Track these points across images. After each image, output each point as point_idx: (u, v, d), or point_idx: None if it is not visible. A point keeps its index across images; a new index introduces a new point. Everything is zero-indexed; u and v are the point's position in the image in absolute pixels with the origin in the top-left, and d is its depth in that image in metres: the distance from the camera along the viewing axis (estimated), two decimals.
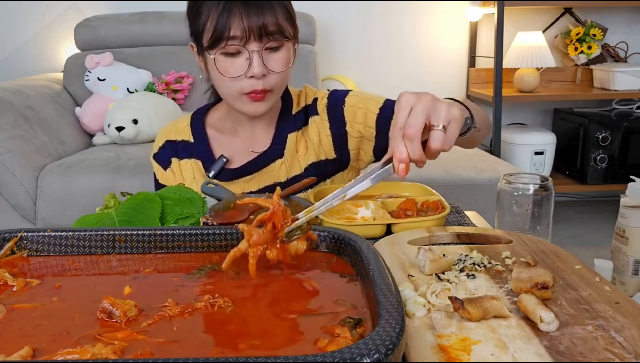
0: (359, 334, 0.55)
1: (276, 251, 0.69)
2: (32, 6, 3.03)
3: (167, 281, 0.69)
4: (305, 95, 1.26)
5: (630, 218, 0.96)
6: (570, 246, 2.66)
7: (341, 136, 1.22)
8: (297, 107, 1.24)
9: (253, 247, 0.68)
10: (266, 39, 1.06)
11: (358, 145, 1.23)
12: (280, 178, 1.21)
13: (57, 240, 0.76)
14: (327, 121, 1.22)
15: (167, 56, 2.78)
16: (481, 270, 0.76)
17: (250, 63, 1.07)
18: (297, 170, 1.22)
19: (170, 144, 1.25)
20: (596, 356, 0.55)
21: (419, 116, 0.74)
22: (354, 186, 0.73)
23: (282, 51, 1.10)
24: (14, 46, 3.08)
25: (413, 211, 1.02)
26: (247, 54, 1.07)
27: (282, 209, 0.70)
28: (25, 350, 0.52)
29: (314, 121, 1.23)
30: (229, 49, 1.07)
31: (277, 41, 1.08)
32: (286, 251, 0.69)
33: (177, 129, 1.26)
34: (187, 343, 0.54)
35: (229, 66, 1.08)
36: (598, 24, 3.12)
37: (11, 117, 2.25)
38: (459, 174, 2.26)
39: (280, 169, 1.21)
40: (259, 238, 0.68)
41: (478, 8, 3.08)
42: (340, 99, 1.22)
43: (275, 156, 1.21)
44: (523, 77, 2.97)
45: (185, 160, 1.24)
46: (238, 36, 1.05)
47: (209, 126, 1.26)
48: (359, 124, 1.20)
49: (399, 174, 0.74)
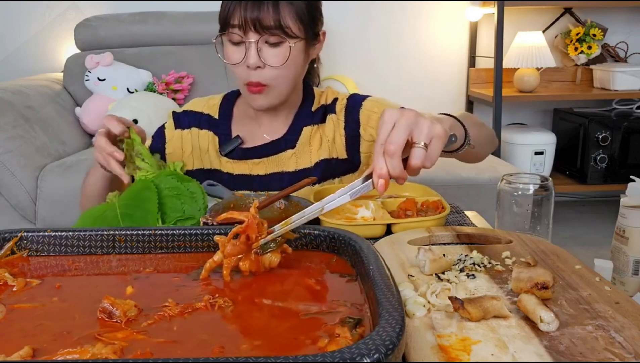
0: (359, 334, 0.55)
1: (249, 262, 0.70)
2: (32, 6, 3.03)
3: (167, 281, 0.69)
4: (327, 95, 1.30)
5: (630, 218, 0.96)
6: (570, 246, 2.66)
7: (354, 138, 1.25)
8: (317, 105, 1.28)
9: (227, 258, 0.70)
10: (263, 33, 1.10)
11: (369, 149, 1.25)
12: (289, 167, 1.24)
13: (57, 240, 0.76)
14: (343, 121, 1.25)
15: (167, 56, 2.78)
16: (481, 270, 0.76)
17: (246, 52, 1.11)
18: (307, 163, 1.24)
19: (194, 114, 1.29)
20: (596, 356, 0.55)
21: (400, 132, 0.74)
22: (332, 201, 0.74)
23: (281, 47, 1.12)
24: (14, 46, 3.08)
25: (413, 211, 1.02)
26: (246, 43, 1.11)
27: (257, 222, 0.71)
28: (25, 350, 0.52)
29: (331, 118, 1.26)
30: (232, 37, 1.12)
31: (276, 37, 1.10)
32: (259, 262, 0.71)
33: (208, 104, 1.30)
34: (187, 343, 0.54)
35: (232, 52, 1.14)
36: (598, 24, 3.12)
37: (11, 117, 2.25)
38: (459, 174, 2.26)
39: (290, 160, 1.23)
40: (233, 250, 0.70)
41: (478, 8, 3.08)
42: (359, 102, 1.25)
43: (287, 146, 1.24)
44: (523, 77, 2.97)
45: (205, 131, 1.28)
46: (237, 25, 1.10)
47: (237, 107, 1.30)
48: (372, 128, 1.23)
49: (378, 189, 0.74)
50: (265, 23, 1.08)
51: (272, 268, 0.71)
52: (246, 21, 1.08)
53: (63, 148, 2.44)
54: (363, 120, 1.23)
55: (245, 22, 1.08)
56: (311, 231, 0.76)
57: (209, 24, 2.83)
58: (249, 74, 1.13)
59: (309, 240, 0.76)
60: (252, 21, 1.08)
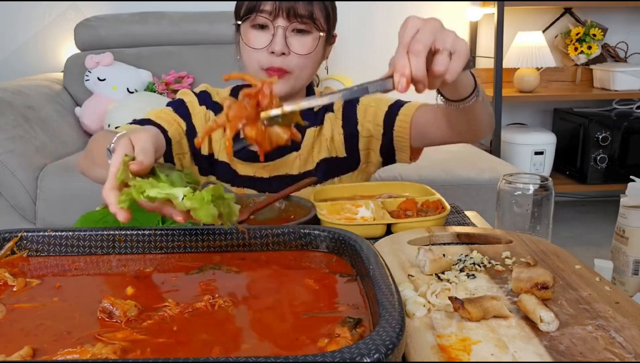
0: (359, 334, 0.55)
1: (256, 130, 0.63)
2: (32, 6, 3.03)
3: (167, 281, 0.69)
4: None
5: (630, 218, 0.95)
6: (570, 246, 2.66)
7: (352, 135, 1.25)
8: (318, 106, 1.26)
9: (232, 121, 0.64)
10: (294, 19, 1.10)
11: (367, 145, 1.25)
12: (293, 170, 1.23)
13: (57, 240, 0.76)
14: (341, 119, 1.25)
15: (167, 56, 2.78)
16: (481, 270, 0.76)
17: (273, 38, 1.11)
18: (310, 165, 1.24)
19: (211, 100, 1.26)
20: (596, 356, 0.55)
21: (426, 34, 0.71)
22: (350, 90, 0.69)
23: (308, 37, 1.13)
24: (14, 46, 3.07)
25: (413, 211, 1.02)
26: (273, 29, 1.11)
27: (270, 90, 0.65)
28: (25, 350, 0.52)
29: (328, 117, 1.25)
30: (258, 20, 1.11)
31: (305, 25, 1.11)
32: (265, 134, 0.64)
33: (219, 95, 1.28)
34: (187, 343, 0.54)
35: (255, 37, 1.13)
36: (598, 24, 3.12)
37: (11, 117, 2.25)
38: (459, 174, 2.25)
39: (294, 162, 1.23)
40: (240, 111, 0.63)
41: (478, 8, 3.07)
42: (356, 98, 1.25)
43: (292, 148, 1.23)
44: (523, 77, 2.97)
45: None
46: (267, 10, 1.10)
47: None
48: (368, 123, 1.23)
49: (399, 88, 0.70)
50: (300, 11, 1.09)
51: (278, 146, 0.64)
52: (280, 7, 1.09)
53: (63, 148, 2.44)
54: (360, 116, 1.23)
55: (279, 8, 1.09)
56: (311, 231, 0.76)
57: (209, 24, 2.83)
58: (272, 60, 1.12)
59: (309, 240, 0.76)
60: (287, 8, 1.09)
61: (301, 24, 1.11)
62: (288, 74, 1.13)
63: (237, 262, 0.74)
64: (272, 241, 0.77)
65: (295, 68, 1.13)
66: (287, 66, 1.12)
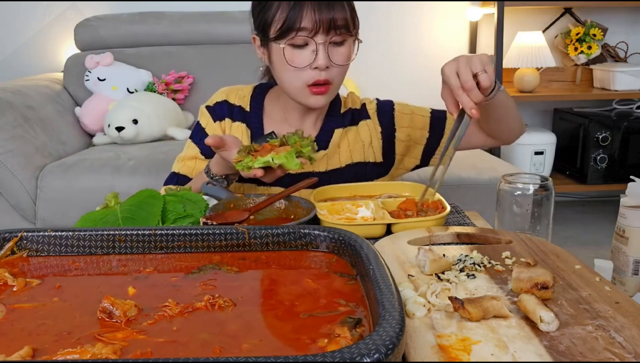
0: (359, 334, 0.55)
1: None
2: (32, 6, 3.02)
3: (167, 281, 0.69)
4: (352, 99, 1.33)
5: (630, 218, 0.96)
6: (570, 246, 2.66)
7: (390, 140, 1.29)
8: (344, 108, 1.31)
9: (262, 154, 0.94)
10: (333, 33, 1.11)
11: (405, 150, 1.30)
12: (320, 168, 1.25)
13: (57, 240, 0.76)
14: (379, 125, 1.29)
15: (167, 56, 2.78)
16: (481, 270, 0.76)
17: (316, 54, 1.12)
18: (337, 164, 1.27)
19: (228, 105, 1.29)
20: (596, 356, 0.55)
21: (467, 72, 0.97)
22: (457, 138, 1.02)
23: (345, 46, 1.15)
24: (14, 46, 3.07)
25: (413, 211, 1.02)
26: (313, 46, 1.11)
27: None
28: (25, 350, 0.52)
29: (366, 123, 1.29)
30: (297, 40, 1.11)
31: (341, 36, 1.13)
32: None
33: (239, 95, 1.30)
34: (187, 343, 0.54)
35: (296, 56, 1.13)
36: (598, 24, 3.12)
37: (11, 117, 2.25)
38: (459, 174, 2.25)
39: (321, 161, 1.25)
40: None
41: (478, 8, 3.07)
42: (389, 105, 1.32)
43: (319, 147, 1.25)
44: (523, 77, 2.97)
45: (238, 123, 1.28)
46: (307, 28, 1.10)
47: (268, 102, 1.30)
48: (408, 128, 1.28)
49: (475, 116, 0.96)
50: (339, 22, 1.10)
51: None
52: (319, 22, 1.09)
53: (63, 148, 2.44)
54: (398, 122, 1.29)
55: (319, 23, 1.09)
56: (311, 231, 0.76)
57: (209, 24, 2.83)
58: (316, 75, 1.13)
59: (309, 240, 0.76)
60: (327, 22, 1.09)
61: (338, 36, 1.12)
62: (331, 86, 1.16)
63: (237, 262, 0.74)
64: (272, 241, 0.77)
65: (336, 78, 1.16)
66: (330, 78, 1.15)
